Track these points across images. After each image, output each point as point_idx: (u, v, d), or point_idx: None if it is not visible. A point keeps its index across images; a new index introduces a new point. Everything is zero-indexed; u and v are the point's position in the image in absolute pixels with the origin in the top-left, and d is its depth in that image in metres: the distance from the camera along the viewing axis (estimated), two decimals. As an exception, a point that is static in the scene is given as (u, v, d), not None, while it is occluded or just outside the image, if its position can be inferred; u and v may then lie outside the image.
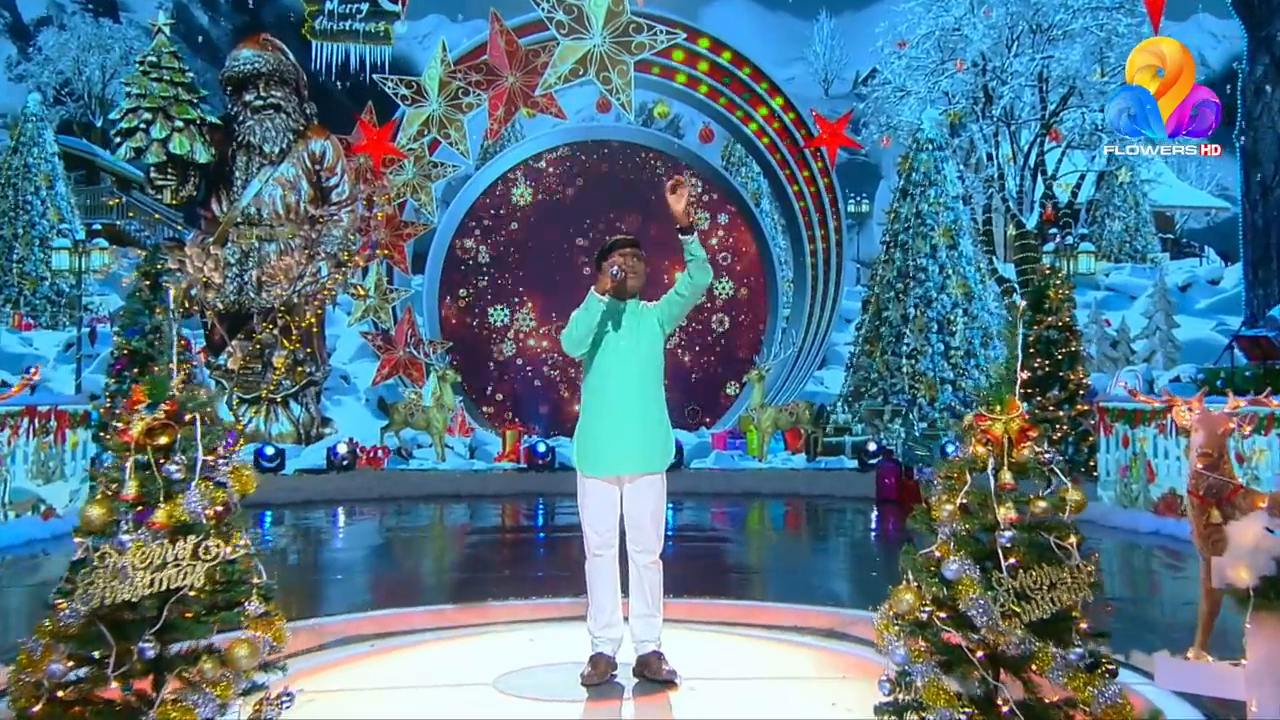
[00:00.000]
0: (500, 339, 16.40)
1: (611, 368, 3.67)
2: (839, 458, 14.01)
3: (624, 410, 3.63)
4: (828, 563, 7.98)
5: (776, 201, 18.07)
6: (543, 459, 13.07)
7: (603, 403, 3.67)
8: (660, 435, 3.73)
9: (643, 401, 3.67)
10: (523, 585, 6.19)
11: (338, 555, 8.38)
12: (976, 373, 14.54)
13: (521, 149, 17.14)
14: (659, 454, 3.71)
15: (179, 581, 2.38)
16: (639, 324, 3.72)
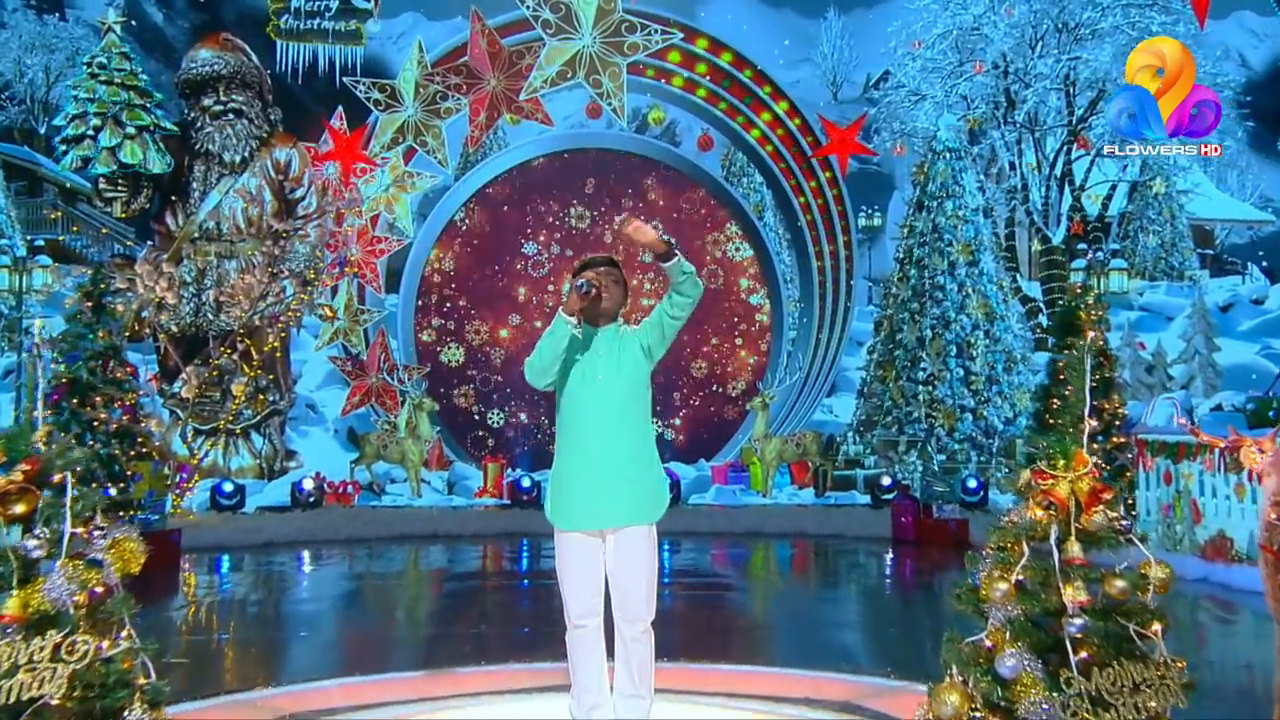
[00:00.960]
0: (482, 364, 16.26)
1: (588, 402, 3.46)
2: (850, 493, 13.91)
3: (605, 452, 3.42)
4: (841, 614, 7.75)
5: (781, 214, 18.05)
6: (527, 494, 12.92)
7: (579, 444, 3.46)
8: (649, 480, 3.51)
9: (626, 440, 3.46)
10: (503, 644, 5.94)
11: (299, 608, 8.12)
12: (999, 400, 14.45)
13: (505, 158, 17.12)
14: (648, 502, 3.49)
15: (34, 691, 2.03)
16: (619, 350, 3.53)
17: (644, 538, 3.48)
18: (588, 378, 3.48)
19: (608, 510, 3.43)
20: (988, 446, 14.29)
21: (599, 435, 3.43)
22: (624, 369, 3.49)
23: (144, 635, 2.42)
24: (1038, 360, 16.44)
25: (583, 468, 3.43)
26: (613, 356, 3.51)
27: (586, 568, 3.47)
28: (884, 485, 12.95)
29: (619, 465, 3.42)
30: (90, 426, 8.55)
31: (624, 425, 3.46)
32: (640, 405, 3.54)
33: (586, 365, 3.49)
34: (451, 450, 15.55)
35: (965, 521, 10.30)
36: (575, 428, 3.47)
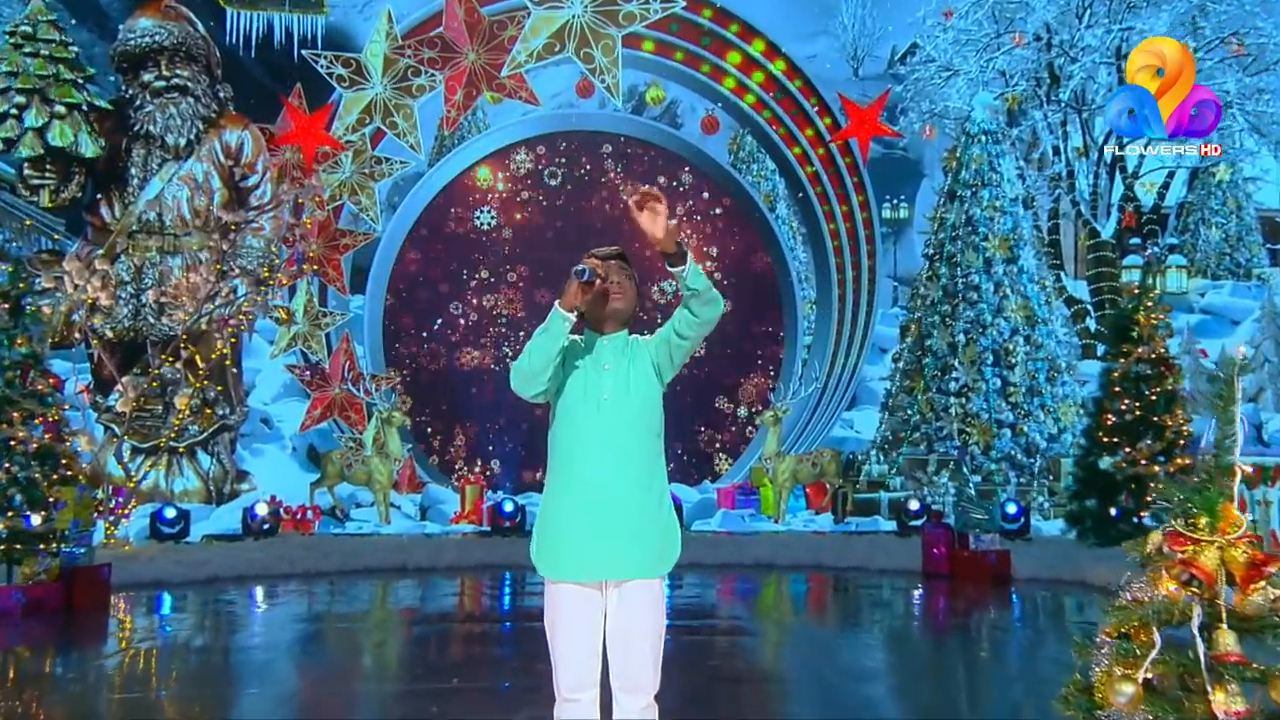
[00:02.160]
0: (459, 373, 16.24)
1: (590, 424, 3.26)
2: (873, 518, 13.89)
3: (608, 486, 3.23)
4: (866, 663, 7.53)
5: (795, 205, 18.04)
6: (510, 520, 12.92)
7: (578, 475, 3.25)
8: (659, 524, 3.31)
9: (635, 473, 3.26)
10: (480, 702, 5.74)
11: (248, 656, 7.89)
12: (1042, 414, 14.38)
13: (485, 142, 17.17)
14: (657, 551, 3.29)
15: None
16: (629, 365, 3.33)
17: (652, 594, 3.28)
18: (590, 395, 3.28)
19: (610, 558, 3.23)
20: (1028, 467, 14.21)
21: (602, 466, 3.24)
22: (634, 386, 3.31)
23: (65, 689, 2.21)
24: (1084, 370, 16.33)
25: (581, 505, 3.24)
26: (621, 370, 3.32)
27: (583, 627, 3.26)
28: (911, 510, 12.89)
29: (625, 503, 3.23)
30: (6, 446, 8.35)
31: (632, 455, 3.26)
32: (652, 432, 3.34)
33: (589, 379, 3.29)
34: (424, 471, 15.67)
35: (1006, 554, 10.14)
36: (573, 455, 3.28)
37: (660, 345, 3.34)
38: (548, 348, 3.21)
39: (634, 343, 3.38)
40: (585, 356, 3.31)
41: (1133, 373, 9.35)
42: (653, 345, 3.36)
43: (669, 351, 3.34)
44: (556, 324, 3.20)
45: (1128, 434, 9.26)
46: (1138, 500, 9.11)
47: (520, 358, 3.24)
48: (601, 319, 3.33)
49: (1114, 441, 9.23)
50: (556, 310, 3.20)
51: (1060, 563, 10.20)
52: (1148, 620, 1.96)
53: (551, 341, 3.21)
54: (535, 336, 3.23)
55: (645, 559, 3.25)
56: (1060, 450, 14.23)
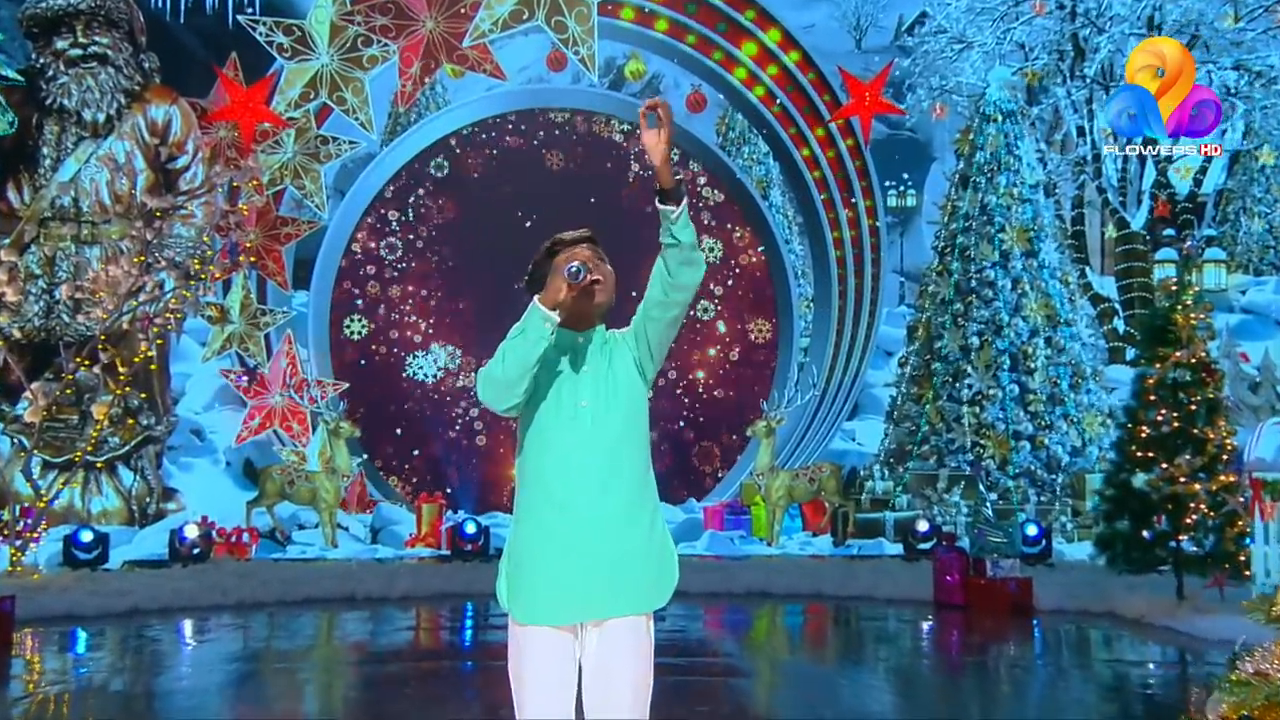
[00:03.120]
0: (416, 379, 16.19)
1: (566, 439, 3.13)
2: (877, 541, 13.92)
3: (590, 512, 3.10)
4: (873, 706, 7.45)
5: (791, 192, 18.08)
6: (473, 543, 12.89)
7: (553, 500, 3.12)
8: (651, 552, 3.19)
9: (621, 496, 3.13)
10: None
11: (171, 701, 7.73)
12: (1064, 425, 14.43)
13: (444, 120, 17.20)
14: (648, 584, 3.17)
15: None
16: (608, 365, 3.21)
17: (638, 634, 3.14)
18: (565, 402, 3.15)
19: (589, 595, 3.10)
20: (1050, 484, 14.26)
21: (582, 486, 3.11)
22: (618, 393, 3.18)
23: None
24: (1112, 375, 16.38)
25: (558, 534, 3.11)
26: (600, 371, 3.20)
27: (555, 680, 3.11)
28: (920, 532, 12.90)
29: (610, 530, 3.11)
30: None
31: (618, 471, 3.14)
32: (639, 442, 3.22)
33: (563, 385, 3.16)
34: (376, 488, 15.65)
35: (1028, 582, 10.13)
36: (547, 475, 3.15)
37: (638, 335, 3.22)
38: (525, 354, 3.06)
39: (611, 338, 3.27)
40: (558, 358, 3.17)
41: (1169, 379, 9.29)
42: (631, 338, 3.25)
43: (648, 339, 3.22)
44: (536, 326, 3.05)
45: (1164, 448, 9.20)
46: (1175, 522, 9.06)
47: (491, 364, 3.10)
48: (582, 315, 3.19)
49: (1148, 456, 9.18)
50: (536, 309, 3.05)
51: (1088, 592, 10.17)
52: (1277, 698, 1.80)
53: (530, 346, 3.06)
54: (510, 339, 3.09)
55: (632, 592, 3.11)
56: (1085, 465, 14.27)
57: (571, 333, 3.19)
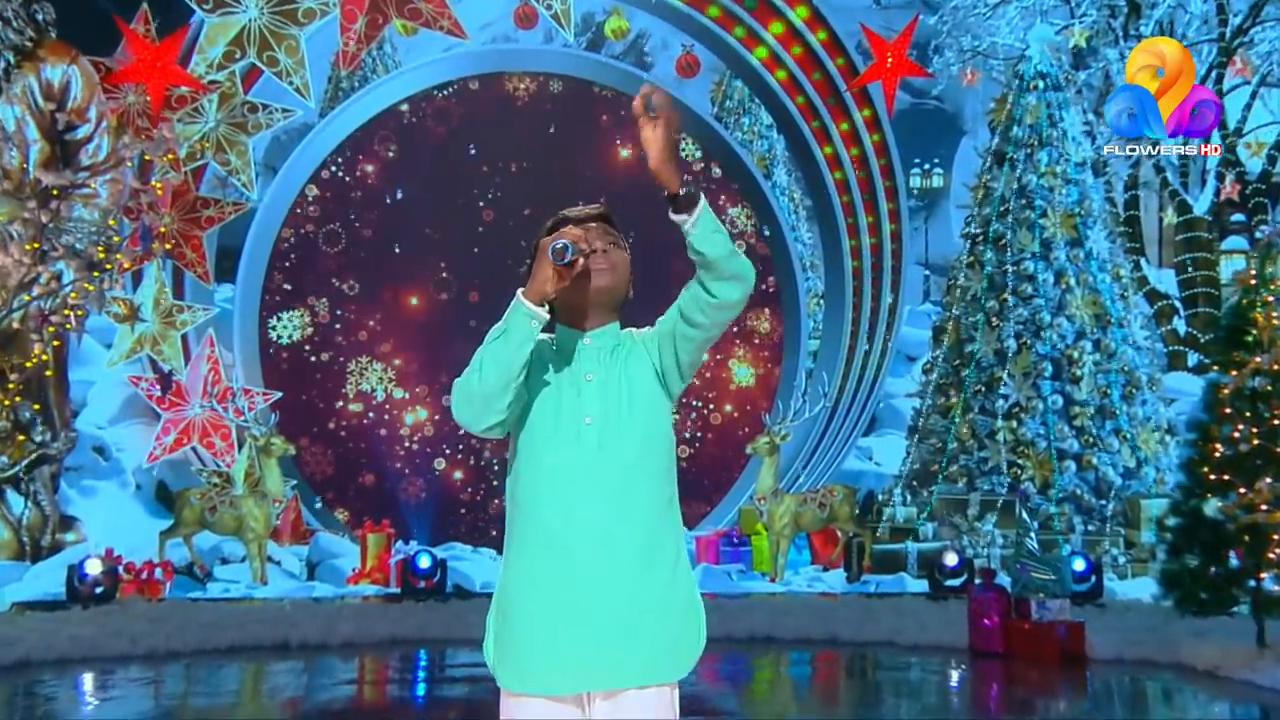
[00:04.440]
0: (361, 388, 16.08)
1: (568, 467, 2.99)
2: (898, 576, 13.95)
3: (597, 559, 2.97)
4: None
5: (798, 172, 18.09)
6: (427, 579, 12.88)
7: (552, 543, 2.98)
8: (671, 609, 3.06)
9: (636, 539, 3.00)
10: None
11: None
12: (1116, 442, 14.44)
13: (396, 85, 17.25)
14: (666, 648, 3.04)
15: None
16: (621, 373, 3.07)
17: (661, 708, 3.02)
18: (566, 421, 3.01)
19: (597, 661, 2.96)
20: (1099, 510, 14.25)
21: (588, 525, 2.97)
22: (633, 408, 3.04)
23: None
24: (1171, 384, 16.38)
25: (558, 585, 2.97)
26: (612, 381, 3.05)
27: None
28: (949, 566, 12.91)
29: (621, 583, 2.97)
30: None
31: (632, 511, 2.99)
32: (658, 470, 3.07)
33: (564, 398, 3.02)
34: (314, 515, 15.62)
35: (1080, 626, 10.05)
36: (544, 511, 3.00)
37: (663, 340, 3.08)
38: (507, 359, 2.91)
39: (627, 340, 3.13)
40: (557, 364, 3.05)
41: (1247, 389, 9.24)
42: (653, 341, 3.11)
43: (675, 349, 3.06)
44: (520, 324, 2.90)
45: (1241, 469, 9.12)
46: (1255, 557, 8.99)
47: (467, 374, 2.95)
48: (580, 306, 3.06)
49: (1223, 479, 9.12)
50: (520, 303, 2.90)
51: (1150, 638, 10.07)
52: None
53: (513, 350, 2.91)
54: (488, 343, 2.94)
55: (648, 657, 2.98)
56: (1140, 489, 14.26)
57: (573, 331, 3.07)
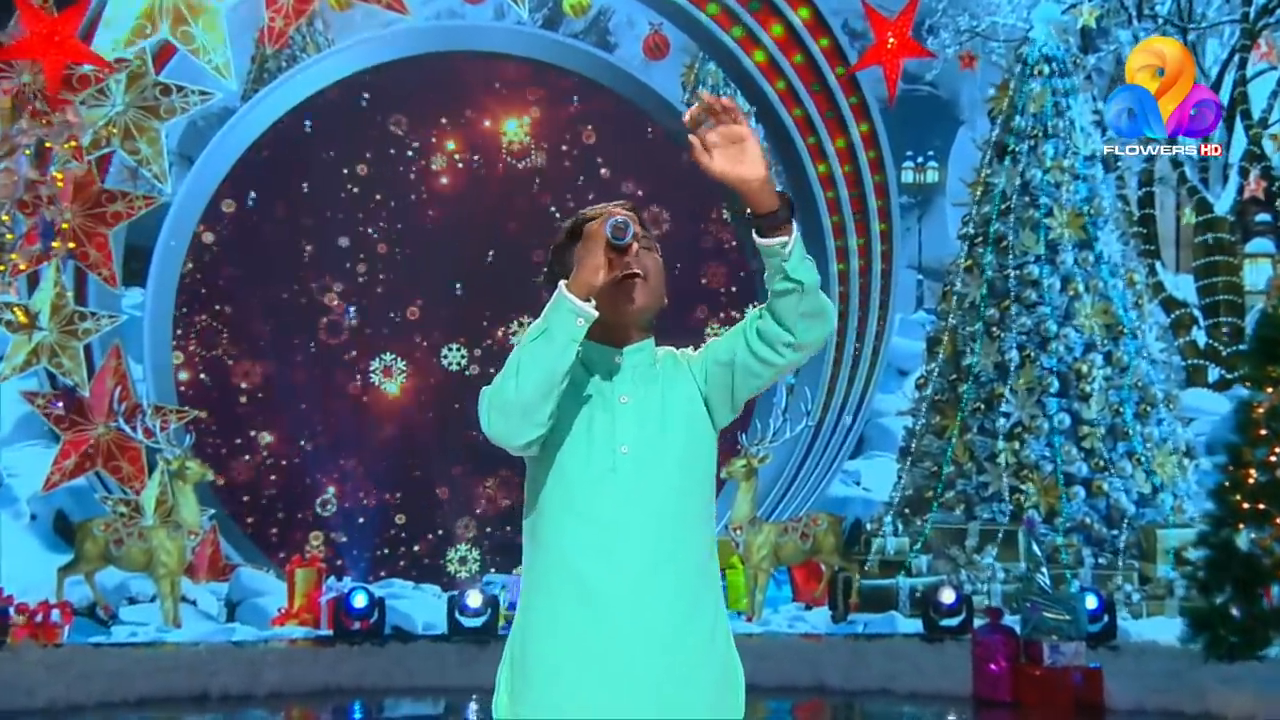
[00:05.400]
0: (287, 404, 16.12)
1: (599, 501, 2.98)
2: (889, 615, 13.96)
3: (630, 609, 2.95)
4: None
5: (779, 165, 17.99)
6: (363, 619, 12.79)
7: (580, 588, 2.97)
8: (709, 667, 3.04)
9: (674, 586, 2.99)
10: None
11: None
12: (1130, 466, 14.41)
13: (327, 66, 17.22)
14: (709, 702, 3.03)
15: None
16: (662, 397, 3.07)
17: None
18: (597, 453, 2.98)
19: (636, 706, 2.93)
20: (1111, 541, 14.26)
21: (621, 573, 2.95)
22: (676, 437, 3.01)
23: None
24: (1189, 402, 16.42)
25: (585, 640, 2.96)
26: (651, 405, 3.03)
27: None
28: (945, 604, 12.90)
29: (658, 637, 2.94)
30: None
31: (672, 554, 2.97)
32: (700, 514, 3.06)
33: (596, 422, 2.99)
34: (235, 548, 15.53)
35: (1096, 672, 10.05)
36: (570, 556, 2.98)
37: (718, 369, 3.05)
38: (550, 363, 2.86)
39: (668, 360, 3.12)
40: (585, 384, 3.02)
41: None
42: (703, 367, 3.09)
43: (732, 380, 3.03)
44: (565, 322, 2.85)
45: (1278, 498, 9.16)
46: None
47: (501, 381, 2.90)
48: (618, 322, 3.02)
49: (1258, 509, 9.16)
50: (563, 298, 2.85)
51: (1174, 685, 10.02)
52: None
53: (556, 352, 2.86)
54: (526, 344, 2.89)
55: (697, 708, 2.95)
56: (1156, 518, 14.27)
57: (606, 349, 3.04)
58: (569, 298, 2.83)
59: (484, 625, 12.49)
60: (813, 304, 2.85)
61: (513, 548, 16.25)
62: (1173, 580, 13.46)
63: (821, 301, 2.87)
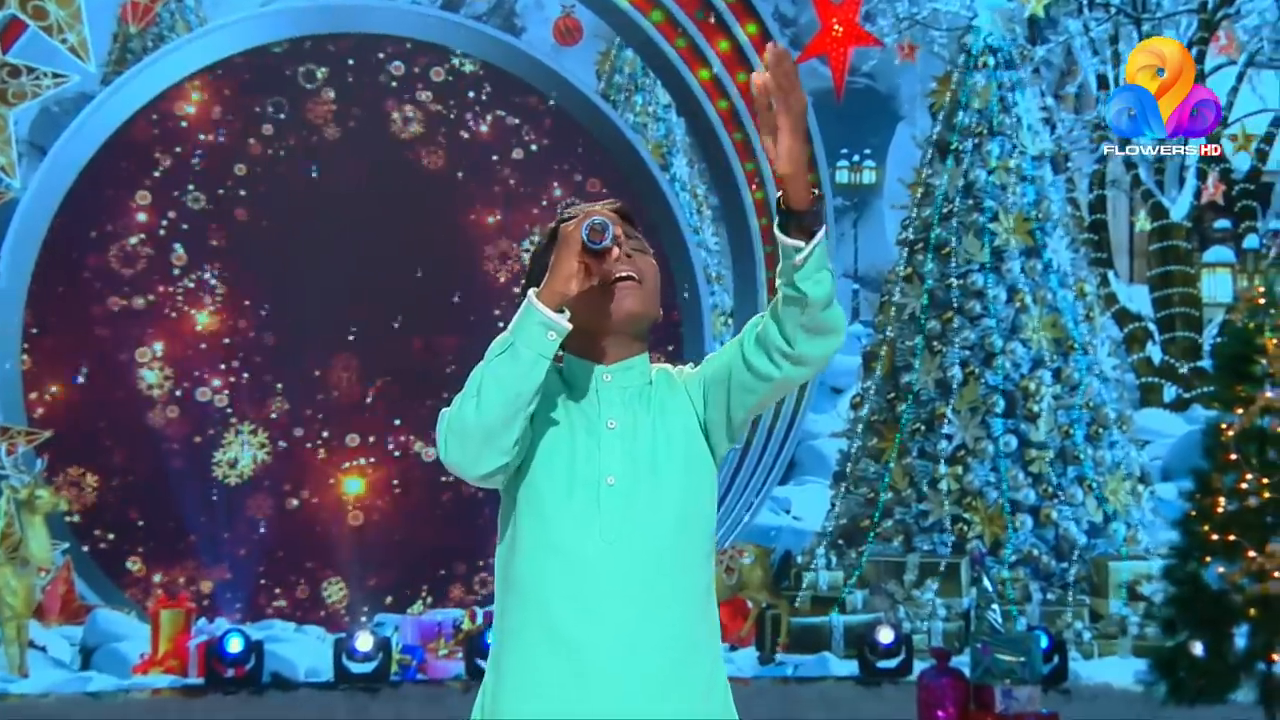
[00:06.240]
0: (152, 424, 15.80)
1: (582, 541, 2.93)
2: (821, 656, 13.89)
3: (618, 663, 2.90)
4: None
5: (702, 162, 18.08)
6: (237, 665, 12.57)
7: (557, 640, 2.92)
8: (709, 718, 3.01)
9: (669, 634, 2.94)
10: None
11: None
12: (1081, 493, 14.51)
13: (198, 49, 16.95)
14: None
15: None
16: (654, 421, 3.03)
17: None
18: (580, 483, 2.92)
19: None
20: (1060, 575, 14.33)
21: (607, 622, 2.89)
22: (671, 466, 2.96)
23: None
24: (1144, 423, 16.57)
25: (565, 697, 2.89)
26: (642, 436, 2.97)
27: None
28: (881, 643, 12.86)
29: (649, 695, 2.89)
30: None
31: (665, 599, 2.92)
32: (697, 554, 3.00)
33: (579, 454, 2.94)
34: (90, 586, 15.31)
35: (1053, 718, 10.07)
36: (550, 602, 2.92)
37: (712, 387, 3.00)
38: (515, 382, 2.79)
39: (662, 379, 3.07)
40: (568, 405, 2.96)
41: (1256, 429, 9.34)
42: (700, 386, 3.03)
43: (727, 400, 2.97)
44: (533, 335, 2.78)
45: (1250, 528, 9.20)
46: (1267, 635, 9.08)
47: (459, 403, 2.84)
48: (598, 331, 2.97)
49: (1227, 540, 9.18)
50: (532, 308, 2.79)
51: (1136, 733, 10.12)
52: None
53: (523, 370, 2.79)
54: (488, 361, 2.83)
55: None
56: (1108, 549, 14.36)
57: (588, 364, 2.99)
58: (538, 308, 2.77)
59: (375, 671, 12.30)
60: (815, 320, 2.81)
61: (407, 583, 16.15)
62: (1126, 617, 13.57)
63: (829, 318, 2.83)
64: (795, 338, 2.83)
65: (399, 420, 16.13)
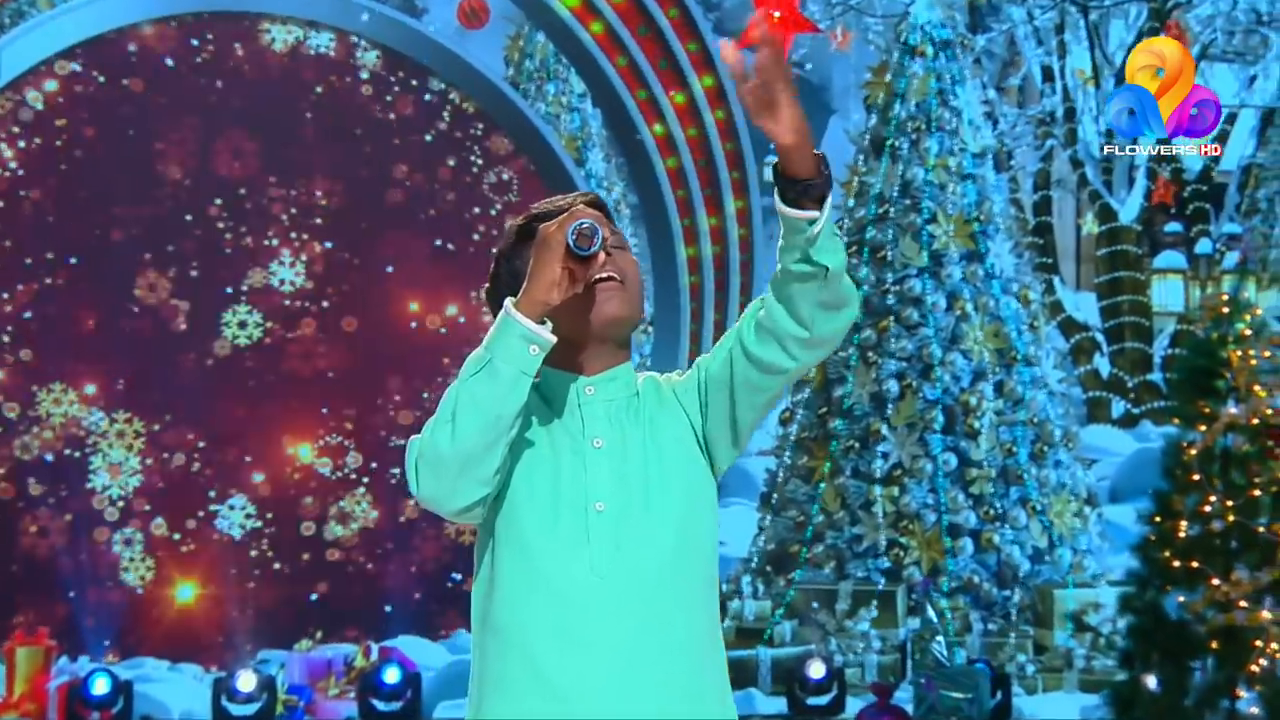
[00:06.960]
0: (3, 436, 15.60)
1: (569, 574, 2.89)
2: (747, 692, 13.86)
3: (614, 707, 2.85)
4: None
5: (620, 157, 18.04)
6: (103, 708, 12.45)
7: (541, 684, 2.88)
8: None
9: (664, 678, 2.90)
10: None
11: None
12: (1024, 515, 14.60)
13: (57, 29, 16.65)
14: None
15: None
16: (645, 437, 2.99)
17: None
18: (566, 511, 2.87)
19: None
20: (1002, 604, 14.40)
21: (598, 663, 2.85)
22: (665, 486, 2.92)
23: None
24: (1091, 441, 16.68)
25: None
26: (633, 447, 2.93)
27: None
28: (812, 678, 12.87)
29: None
30: None
31: (663, 636, 2.88)
32: (697, 582, 2.96)
33: (562, 478, 2.89)
34: None
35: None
36: (533, 642, 2.87)
37: (713, 390, 2.97)
38: (494, 404, 2.74)
39: (650, 389, 3.02)
40: (548, 423, 2.91)
41: (1219, 449, 9.42)
42: (695, 393, 3.01)
43: (731, 403, 2.93)
44: (513, 351, 2.73)
45: (1214, 554, 9.26)
46: (1231, 668, 9.15)
47: (431, 429, 2.78)
48: (586, 341, 2.92)
49: (1189, 567, 9.25)
50: (511, 319, 2.73)
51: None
52: None
53: (503, 390, 2.75)
54: (463, 381, 2.78)
55: None
56: (1052, 576, 14.44)
57: (567, 376, 2.94)
58: (518, 319, 2.71)
59: (258, 713, 12.19)
60: (835, 292, 2.77)
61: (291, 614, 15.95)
62: (1072, 649, 13.64)
63: (845, 288, 2.80)
64: (814, 318, 2.78)
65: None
